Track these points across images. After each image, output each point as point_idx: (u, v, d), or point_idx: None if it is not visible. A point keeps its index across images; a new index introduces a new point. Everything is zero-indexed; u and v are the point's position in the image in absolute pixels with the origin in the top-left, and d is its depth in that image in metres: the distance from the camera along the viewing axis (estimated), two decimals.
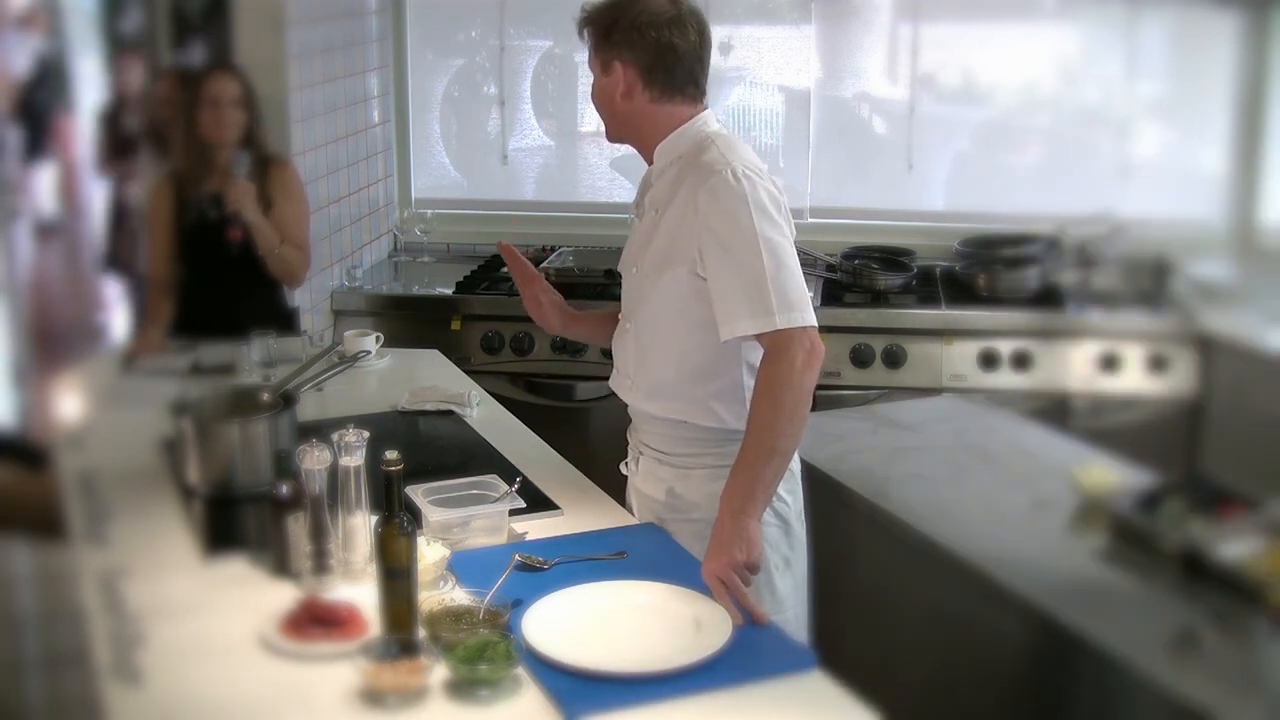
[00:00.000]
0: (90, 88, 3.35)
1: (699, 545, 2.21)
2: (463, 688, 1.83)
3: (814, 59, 4.49)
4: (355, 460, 2.14)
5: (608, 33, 2.32)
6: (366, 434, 2.16)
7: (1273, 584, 2.15)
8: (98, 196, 3.46)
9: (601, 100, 2.38)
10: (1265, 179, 2.76)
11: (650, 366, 2.40)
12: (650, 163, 2.42)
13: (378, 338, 3.43)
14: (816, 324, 2.23)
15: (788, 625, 2.29)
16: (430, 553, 2.12)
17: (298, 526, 2.15)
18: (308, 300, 3.88)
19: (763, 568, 2.31)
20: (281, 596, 2.09)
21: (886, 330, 3.94)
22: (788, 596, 2.40)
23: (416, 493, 2.35)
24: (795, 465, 2.43)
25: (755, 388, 2.22)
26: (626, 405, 2.51)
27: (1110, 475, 2.61)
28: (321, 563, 2.14)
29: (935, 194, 4.53)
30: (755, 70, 4.53)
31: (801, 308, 2.22)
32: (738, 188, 2.23)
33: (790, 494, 2.42)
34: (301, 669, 1.90)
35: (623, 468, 2.57)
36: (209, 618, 2.07)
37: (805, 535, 2.46)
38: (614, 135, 2.43)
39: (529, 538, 2.35)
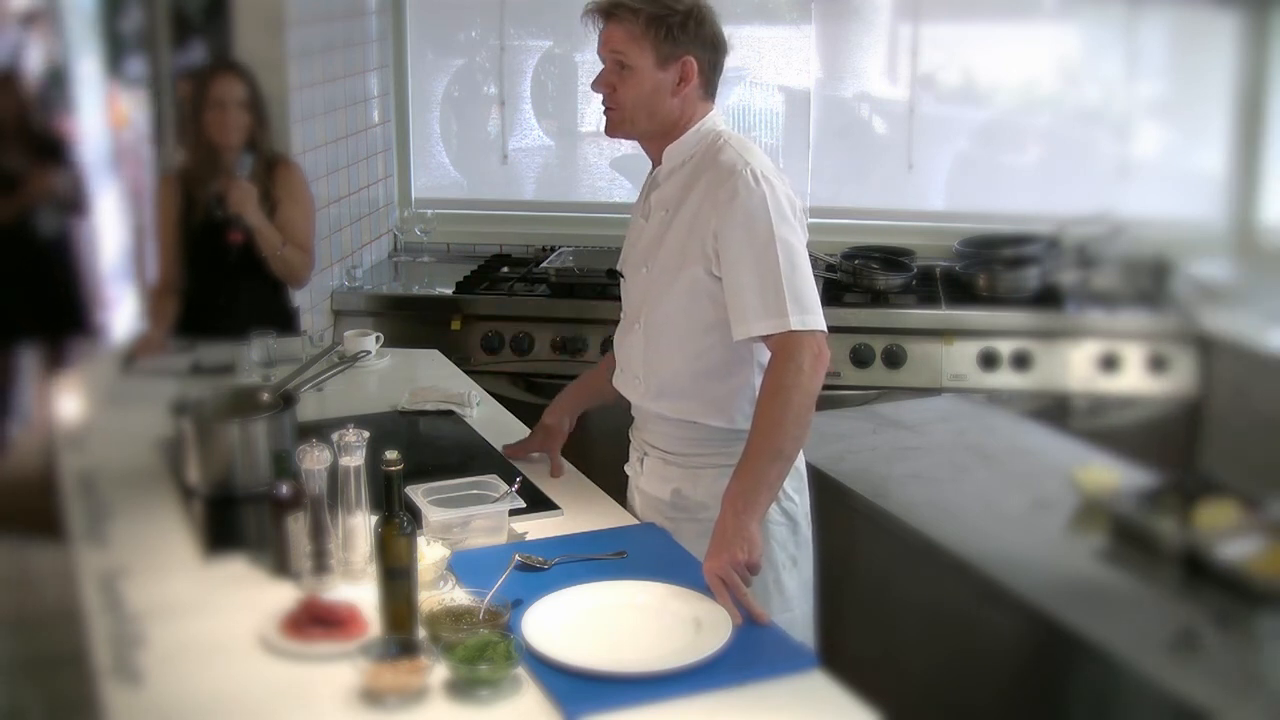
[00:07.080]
0: (90, 88, 3.34)
1: (705, 544, 2.21)
2: (463, 688, 1.83)
3: (814, 59, 4.49)
4: (355, 460, 2.14)
5: (682, 26, 2.29)
6: (366, 434, 2.16)
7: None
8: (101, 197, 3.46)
9: (648, 95, 2.31)
10: (1265, 179, 2.76)
11: (662, 366, 2.40)
12: (657, 163, 2.41)
13: (378, 338, 3.43)
14: (826, 330, 2.24)
15: (795, 624, 2.29)
16: (430, 553, 2.12)
17: (298, 526, 2.15)
18: (308, 300, 3.88)
19: (770, 567, 2.32)
20: (281, 596, 2.09)
21: (886, 330, 3.94)
22: (795, 595, 2.40)
23: (416, 493, 2.35)
24: (801, 465, 2.43)
25: (761, 389, 2.22)
26: (630, 405, 2.51)
27: (1110, 475, 2.61)
28: (321, 563, 2.14)
29: (935, 194, 4.53)
30: (755, 70, 4.53)
31: (813, 311, 2.22)
32: (758, 189, 2.23)
33: (798, 493, 2.42)
34: (301, 669, 1.90)
35: (626, 468, 2.56)
36: (209, 618, 2.07)
37: (812, 535, 2.47)
38: (631, 131, 2.38)
39: (529, 538, 2.35)
